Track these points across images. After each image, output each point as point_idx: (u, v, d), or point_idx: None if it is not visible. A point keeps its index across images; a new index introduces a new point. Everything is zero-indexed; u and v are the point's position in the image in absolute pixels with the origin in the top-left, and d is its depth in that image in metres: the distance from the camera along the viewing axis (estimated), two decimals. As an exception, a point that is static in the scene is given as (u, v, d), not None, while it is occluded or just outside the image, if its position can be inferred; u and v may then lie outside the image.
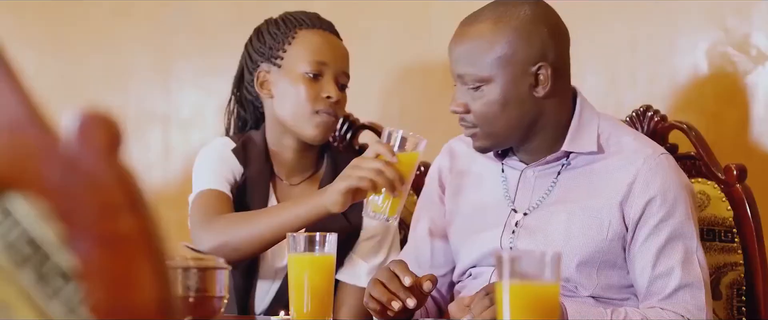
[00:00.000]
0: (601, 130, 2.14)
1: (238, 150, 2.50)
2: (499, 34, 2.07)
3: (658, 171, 2.09)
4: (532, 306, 1.45)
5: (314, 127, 2.45)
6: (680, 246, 2.07)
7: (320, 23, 2.52)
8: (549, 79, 2.08)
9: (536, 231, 2.12)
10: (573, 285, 2.09)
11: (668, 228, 2.07)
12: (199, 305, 1.64)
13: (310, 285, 1.98)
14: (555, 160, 2.14)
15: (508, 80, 2.07)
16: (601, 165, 2.12)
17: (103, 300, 0.78)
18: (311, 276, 1.98)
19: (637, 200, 2.07)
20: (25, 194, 0.80)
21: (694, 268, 2.07)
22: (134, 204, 0.78)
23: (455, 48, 2.12)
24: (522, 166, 2.18)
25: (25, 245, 0.81)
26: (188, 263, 1.62)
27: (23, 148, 0.79)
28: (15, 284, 0.82)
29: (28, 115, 0.79)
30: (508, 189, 2.18)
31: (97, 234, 0.78)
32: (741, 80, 2.68)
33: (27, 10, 3.51)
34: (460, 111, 2.10)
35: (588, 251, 2.08)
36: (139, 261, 0.78)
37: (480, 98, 2.08)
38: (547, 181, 2.15)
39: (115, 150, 0.78)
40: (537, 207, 2.14)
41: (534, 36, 2.08)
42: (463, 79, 2.09)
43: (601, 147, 2.13)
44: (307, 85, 2.44)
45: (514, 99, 2.08)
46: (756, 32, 2.67)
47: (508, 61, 2.07)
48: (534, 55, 2.08)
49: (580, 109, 2.15)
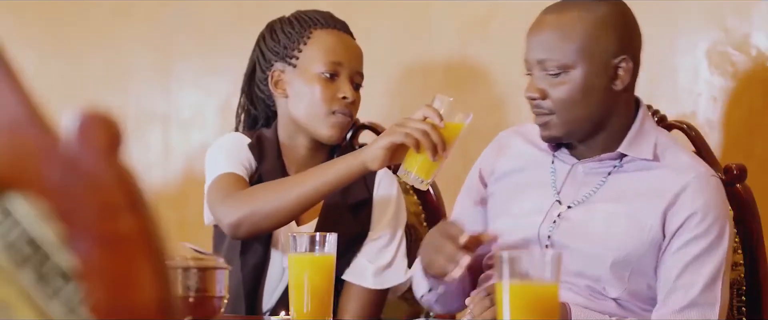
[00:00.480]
0: (658, 141, 2.17)
1: (254, 145, 2.50)
2: (584, 23, 2.10)
3: (706, 190, 2.12)
4: (532, 306, 1.45)
5: (330, 127, 2.45)
6: (708, 266, 2.09)
7: (334, 23, 2.52)
8: (629, 73, 2.12)
9: (577, 225, 2.14)
10: (602, 285, 2.11)
11: (701, 246, 2.09)
12: (199, 305, 1.64)
13: (310, 285, 1.98)
14: (608, 159, 2.16)
15: (590, 69, 2.10)
16: (652, 173, 2.14)
17: (103, 300, 0.78)
18: (311, 276, 1.98)
19: (681, 211, 2.10)
20: (25, 194, 0.80)
21: (714, 291, 2.09)
22: (134, 204, 0.78)
23: (537, 34, 2.13)
24: (573, 161, 2.20)
25: (25, 245, 0.81)
26: (188, 263, 1.62)
27: (23, 148, 0.79)
28: (15, 284, 0.82)
29: (28, 115, 0.79)
30: (555, 180, 2.20)
31: (97, 234, 0.78)
32: (741, 80, 2.68)
33: (27, 10, 3.51)
34: (536, 97, 2.12)
35: (624, 252, 2.09)
36: (139, 261, 0.78)
37: (560, 85, 2.10)
38: (596, 179, 2.17)
39: (115, 150, 0.78)
40: (582, 203, 2.16)
41: (619, 29, 2.12)
42: (544, 64, 2.11)
43: (657, 156, 2.15)
44: (323, 85, 2.45)
45: (594, 89, 2.10)
46: (756, 32, 2.67)
47: (592, 50, 2.09)
48: (617, 47, 2.11)
49: (643, 116, 2.18)
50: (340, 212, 2.44)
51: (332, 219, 2.43)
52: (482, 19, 2.99)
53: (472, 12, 3.00)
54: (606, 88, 2.11)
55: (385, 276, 2.45)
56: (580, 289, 2.11)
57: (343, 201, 2.45)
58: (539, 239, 2.15)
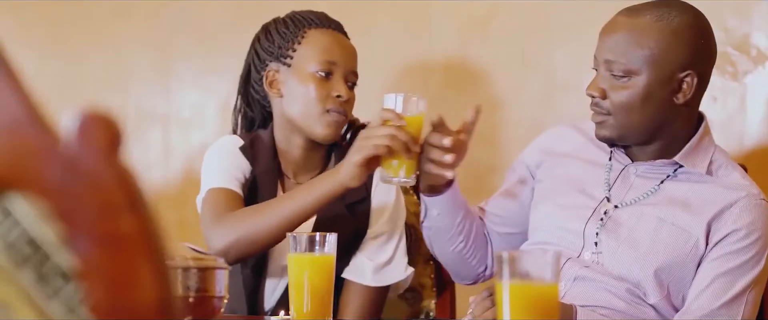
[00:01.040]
0: (714, 158, 2.19)
1: (247, 148, 2.51)
2: (657, 32, 2.10)
3: (754, 209, 2.13)
4: (532, 306, 1.45)
5: (325, 126, 2.46)
6: (739, 282, 2.10)
7: (329, 22, 2.53)
8: (692, 89, 2.12)
9: (624, 226, 2.15)
10: (643, 290, 2.12)
11: (738, 261, 2.10)
12: (199, 305, 1.64)
13: (310, 285, 1.98)
14: (663, 166, 2.18)
15: (654, 78, 2.11)
16: (704, 187, 2.16)
17: (103, 300, 0.78)
18: (311, 276, 1.98)
19: (725, 225, 2.12)
20: (25, 194, 0.80)
21: (738, 307, 2.10)
22: (134, 204, 0.78)
23: (610, 35, 2.15)
24: (627, 161, 2.22)
25: (25, 245, 0.81)
26: (188, 263, 1.62)
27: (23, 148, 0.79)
28: (15, 284, 0.82)
29: (28, 115, 0.79)
30: (608, 178, 2.21)
31: (97, 234, 0.78)
32: (741, 80, 2.68)
33: (27, 10, 3.51)
34: (596, 95, 2.14)
35: (668, 260, 2.11)
36: (139, 261, 0.78)
37: (622, 88, 2.12)
38: (648, 184, 2.19)
39: (115, 150, 0.78)
40: (631, 205, 2.17)
41: (690, 42, 2.12)
42: (610, 65, 2.13)
43: (711, 171, 2.18)
44: (318, 84, 2.45)
45: (654, 98, 2.11)
46: (756, 32, 2.67)
47: (660, 60, 2.10)
48: (685, 61, 2.12)
49: (703, 131, 2.20)
50: (337, 212, 2.45)
51: (330, 219, 2.43)
52: (482, 19, 2.99)
53: (472, 12, 3.00)
54: (667, 99, 2.12)
55: (384, 273, 2.45)
56: (620, 292, 2.11)
57: (341, 202, 2.45)
58: (585, 235, 2.16)
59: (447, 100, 3.01)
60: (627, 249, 2.11)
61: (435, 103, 3.02)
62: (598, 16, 2.81)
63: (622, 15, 2.16)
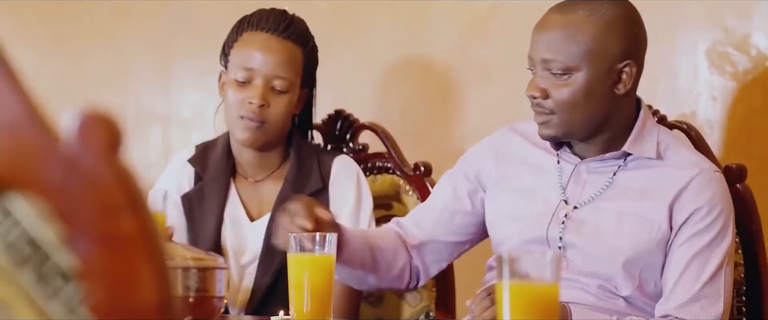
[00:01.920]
0: (660, 139, 2.18)
1: (196, 158, 2.59)
2: (592, 26, 2.09)
3: (711, 185, 2.13)
4: (532, 306, 1.45)
5: (241, 131, 2.48)
6: (712, 261, 2.10)
7: (266, 24, 2.51)
8: (632, 78, 2.12)
9: (586, 225, 2.14)
10: (613, 284, 2.12)
11: (706, 240, 2.10)
12: (199, 305, 1.64)
13: (310, 285, 1.98)
14: (612, 159, 2.17)
15: (594, 73, 2.10)
16: (657, 171, 2.16)
17: (103, 300, 0.78)
18: (311, 276, 1.98)
19: (686, 206, 2.11)
20: (25, 194, 0.80)
21: (718, 284, 2.10)
22: (134, 204, 0.78)
23: (544, 33, 2.13)
24: (576, 160, 2.20)
25: (25, 245, 0.81)
26: (188, 263, 1.62)
27: (23, 147, 0.79)
28: (15, 284, 0.82)
29: (28, 115, 0.79)
30: (561, 180, 2.20)
31: (97, 234, 0.78)
32: (741, 80, 2.68)
33: (27, 10, 3.51)
34: (537, 96, 2.12)
35: (635, 251, 2.11)
36: (140, 261, 0.78)
37: (563, 86, 2.10)
38: (601, 179, 2.18)
39: (115, 150, 0.78)
40: (589, 203, 2.16)
41: (625, 33, 2.12)
42: (549, 64, 2.11)
43: (660, 154, 2.17)
44: (236, 89, 2.48)
45: (596, 92, 2.11)
46: (756, 32, 2.67)
47: (598, 54, 2.09)
48: (622, 51, 2.11)
49: (645, 115, 2.19)
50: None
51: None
52: (482, 19, 2.99)
53: (472, 12, 3.00)
54: (608, 91, 2.12)
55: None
56: (591, 289, 2.11)
57: (297, 193, 2.47)
58: (548, 240, 2.15)
59: (447, 100, 3.01)
60: (592, 246, 2.11)
61: (435, 103, 3.02)
62: (598, 16, 2.81)
63: (554, 12, 2.13)
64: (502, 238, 2.23)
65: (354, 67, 3.08)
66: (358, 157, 2.75)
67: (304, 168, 2.52)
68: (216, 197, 2.51)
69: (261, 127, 2.46)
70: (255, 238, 2.50)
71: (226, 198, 2.53)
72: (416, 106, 3.06)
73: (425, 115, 3.03)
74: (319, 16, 3.08)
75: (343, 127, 2.79)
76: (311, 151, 2.57)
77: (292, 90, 2.49)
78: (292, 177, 2.50)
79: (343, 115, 2.80)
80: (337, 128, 2.79)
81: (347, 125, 2.79)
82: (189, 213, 2.53)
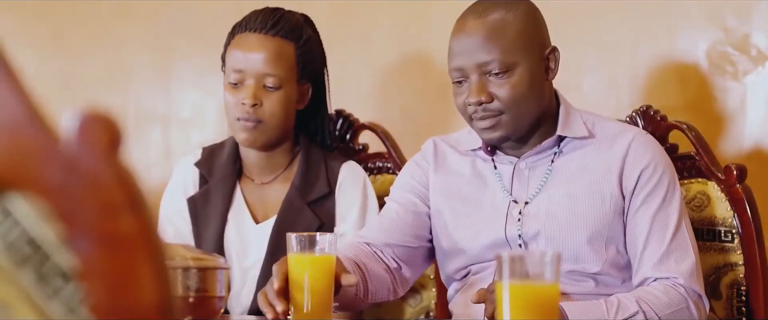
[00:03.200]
0: (585, 119, 2.23)
1: (202, 161, 2.60)
2: (514, 21, 2.13)
3: (647, 146, 2.19)
4: (532, 306, 1.45)
5: (239, 133, 2.50)
6: (672, 215, 2.16)
7: (254, 23, 2.52)
8: (557, 63, 2.18)
9: (541, 215, 2.16)
10: (581, 264, 2.14)
11: (661, 195, 2.16)
12: (199, 305, 1.64)
13: (311, 284, 1.98)
14: (548, 147, 2.20)
15: (531, 63, 2.14)
16: (592, 147, 2.20)
17: (103, 300, 0.78)
18: (311, 275, 1.98)
19: (632, 170, 2.17)
20: (25, 194, 0.80)
21: (683, 234, 2.16)
22: (134, 204, 0.78)
23: (471, 39, 2.13)
24: (513, 160, 2.22)
25: (25, 245, 0.81)
26: (188, 263, 1.62)
27: (23, 147, 0.79)
28: (15, 284, 0.82)
29: (28, 115, 0.79)
30: (503, 183, 2.21)
31: (97, 234, 0.78)
32: (741, 80, 2.68)
33: (27, 9, 3.51)
34: (484, 100, 2.12)
35: (595, 226, 2.14)
36: (139, 261, 0.78)
37: (507, 83, 2.12)
38: (541, 170, 2.20)
39: (115, 150, 0.78)
40: (537, 194, 2.19)
41: (540, 23, 2.19)
42: (486, 67, 2.12)
43: (590, 132, 2.21)
44: (230, 92, 2.50)
45: (536, 82, 2.15)
46: (756, 32, 2.67)
47: (529, 45, 2.14)
48: (544, 39, 2.19)
49: (562, 99, 2.24)
50: (299, 208, 2.47)
51: (292, 215, 2.45)
52: (482, 19, 2.99)
53: (472, 12, 3.00)
54: (543, 79, 2.17)
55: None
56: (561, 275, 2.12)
57: (303, 198, 2.47)
58: (508, 240, 2.16)
59: (447, 100, 3.01)
60: (554, 232, 2.14)
61: (435, 103, 3.02)
62: (598, 16, 2.81)
63: (471, 19, 2.15)
64: (460, 248, 2.22)
65: (354, 67, 3.08)
66: (358, 157, 2.75)
67: (311, 172, 2.52)
68: (220, 199, 2.52)
69: (257, 127, 2.47)
70: (259, 241, 2.50)
71: (230, 201, 2.53)
72: (416, 106, 3.06)
73: (425, 115, 3.03)
74: (320, 16, 3.08)
75: (343, 127, 2.79)
76: (319, 155, 2.57)
77: (285, 86, 2.49)
78: (300, 182, 2.51)
79: (343, 115, 2.80)
80: (337, 128, 2.79)
81: (347, 125, 2.79)
82: (194, 216, 2.53)
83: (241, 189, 2.55)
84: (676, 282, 2.11)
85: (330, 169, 2.53)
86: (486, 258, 2.19)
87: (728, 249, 2.41)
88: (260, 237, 2.50)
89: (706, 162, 2.42)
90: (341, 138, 2.79)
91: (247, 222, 2.52)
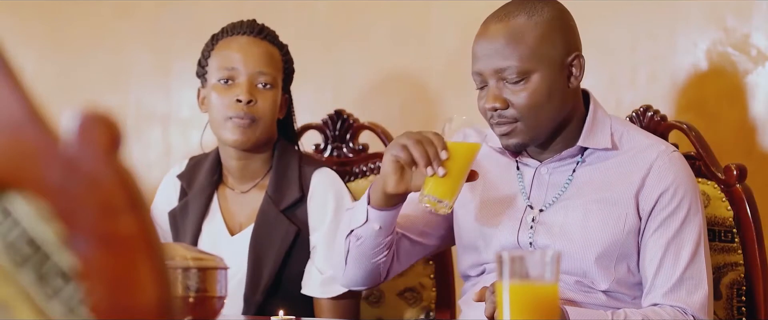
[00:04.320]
0: (613, 129, 2.18)
1: (184, 173, 2.61)
2: (536, 27, 2.09)
3: (671, 167, 2.13)
4: (532, 306, 1.45)
5: (230, 133, 2.46)
6: (688, 242, 2.11)
7: (240, 29, 2.52)
8: (581, 70, 2.13)
9: (554, 226, 2.13)
10: (590, 280, 2.12)
11: (678, 221, 2.10)
12: (199, 305, 1.64)
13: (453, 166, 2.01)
14: (570, 156, 2.16)
15: (550, 71, 2.10)
16: (615, 161, 2.15)
17: (103, 300, 0.78)
18: (458, 159, 2.02)
19: (651, 192, 2.11)
20: (25, 194, 0.80)
21: (699, 264, 2.11)
22: (134, 204, 0.78)
23: (490, 44, 2.11)
24: (535, 164, 2.19)
25: (25, 245, 0.81)
26: (188, 263, 1.62)
27: (23, 147, 0.79)
28: (15, 284, 0.82)
29: (28, 115, 0.79)
30: (524, 186, 2.20)
31: (97, 234, 0.78)
32: (741, 80, 2.68)
33: (27, 9, 3.51)
34: (499, 107, 2.10)
35: (606, 244, 2.10)
36: (139, 261, 0.78)
37: (523, 91, 2.09)
38: (562, 178, 2.17)
39: (115, 150, 0.78)
40: (553, 203, 2.16)
41: (565, 29, 2.13)
42: (503, 73, 2.09)
43: (615, 144, 2.16)
44: (219, 92, 2.48)
45: (556, 89, 2.10)
46: (756, 32, 2.67)
47: (549, 52, 2.09)
48: (569, 46, 2.12)
49: (594, 106, 2.19)
50: (274, 216, 2.45)
51: (267, 224, 2.44)
52: (482, 19, 2.99)
53: (472, 12, 3.00)
54: (564, 87, 2.12)
55: (333, 285, 2.42)
56: (569, 285, 2.11)
57: (277, 206, 2.45)
58: (520, 246, 2.15)
59: (447, 100, 3.01)
60: (563, 245, 2.11)
61: (435, 103, 3.02)
62: (598, 16, 2.81)
63: (493, 23, 2.13)
64: (477, 250, 2.22)
65: (354, 67, 3.08)
66: (358, 157, 2.75)
67: (283, 179, 2.49)
68: (197, 210, 2.51)
69: (251, 125, 2.45)
70: (235, 253, 2.46)
71: (205, 213, 2.52)
72: (416, 106, 3.06)
73: (425, 115, 3.03)
74: (319, 16, 3.09)
75: (343, 127, 2.79)
76: (293, 161, 2.53)
77: (276, 86, 2.48)
78: (272, 190, 2.48)
79: (343, 115, 2.80)
80: (337, 128, 2.79)
81: (347, 125, 2.79)
82: (174, 229, 2.54)
83: (218, 198, 2.54)
84: (685, 312, 2.08)
85: (303, 175, 2.49)
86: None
87: (728, 249, 2.41)
88: (236, 249, 2.47)
89: (706, 162, 2.42)
90: (341, 138, 2.79)
91: (222, 234, 2.51)
